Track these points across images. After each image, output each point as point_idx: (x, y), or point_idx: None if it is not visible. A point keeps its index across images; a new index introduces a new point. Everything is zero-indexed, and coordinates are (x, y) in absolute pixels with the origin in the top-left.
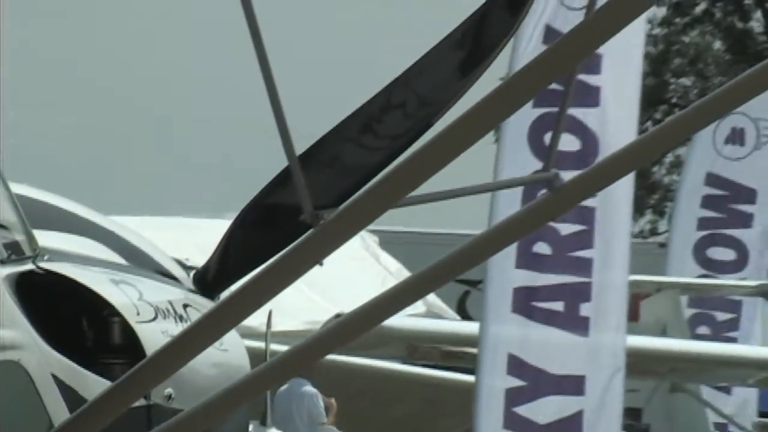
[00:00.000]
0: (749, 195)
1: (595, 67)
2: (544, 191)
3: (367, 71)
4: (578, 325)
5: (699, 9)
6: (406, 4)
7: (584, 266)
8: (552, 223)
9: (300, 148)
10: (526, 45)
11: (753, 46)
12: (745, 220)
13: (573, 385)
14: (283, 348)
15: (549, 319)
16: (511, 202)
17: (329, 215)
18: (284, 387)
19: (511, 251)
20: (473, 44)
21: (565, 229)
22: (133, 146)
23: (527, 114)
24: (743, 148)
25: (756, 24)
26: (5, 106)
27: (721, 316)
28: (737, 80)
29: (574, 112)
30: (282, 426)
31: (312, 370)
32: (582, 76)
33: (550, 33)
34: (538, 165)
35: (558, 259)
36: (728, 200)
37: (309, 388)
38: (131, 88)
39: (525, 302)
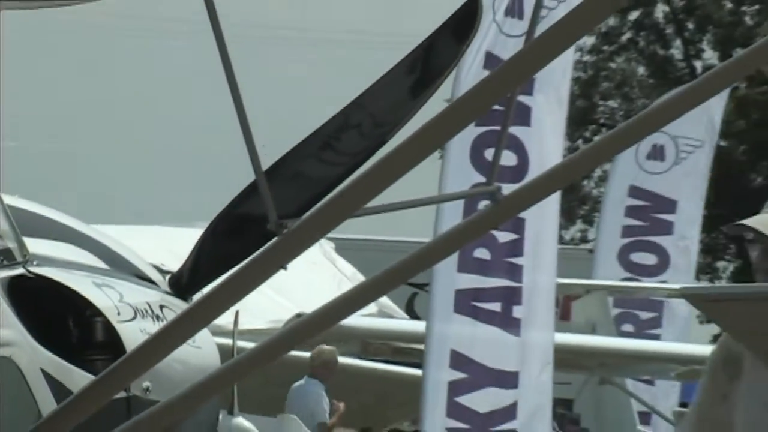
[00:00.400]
0: (670, 205)
1: (528, 89)
2: (487, 203)
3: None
4: (512, 324)
5: (625, 38)
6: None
7: (516, 271)
8: (498, 230)
9: (266, 163)
10: (468, 69)
11: (673, 71)
12: (666, 228)
13: (508, 379)
14: (249, 345)
15: (488, 318)
16: (454, 213)
17: (292, 224)
18: (298, 384)
19: (453, 256)
20: (423, 69)
21: (502, 237)
22: (119, 162)
23: (470, 132)
24: (663, 163)
25: (676, 51)
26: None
27: (644, 315)
28: (659, 103)
29: (511, 130)
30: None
31: (331, 373)
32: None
33: (490, 59)
34: (479, 178)
35: (496, 264)
36: (650, 210)
37: (317, 389)
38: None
39: (466, 303)
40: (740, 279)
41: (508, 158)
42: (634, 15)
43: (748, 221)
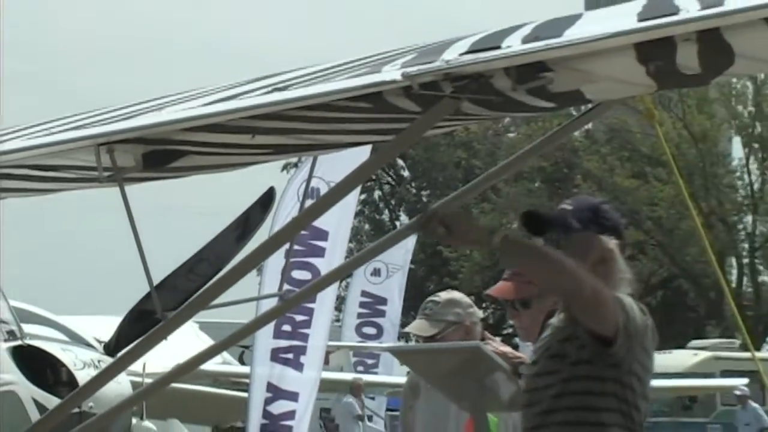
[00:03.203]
0: (384, 301)
1: (323, 237)
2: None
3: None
4: (299, 366)
5: (356, 209)
6: None
7: (305, 337)
8: (292, 314)
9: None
10: (280, 226)
11: (384, 228)
12: (383, 314)
13: (293, 396)
14: (149, 380)
15: (286, 363)
16: (268, 305)
17: (171, 315)
18: (345, 397)
19: (270, 328)
20: (243, 226)
21: (299, 317)
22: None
23: (281, 261)
24: (380, 277)
25: (386, 217)
26: None
27: (369, 361)
28: (373, 245)
29: (311, 260)
30: (337, 420)
31: (360, 391)
32: (315, 241)
33: None
34: (285, 286)
35: (294, 333)
36: (374, 304)
37: (351, 400)
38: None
39: (276, 355)
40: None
41: (305, 275)
42: (362, 197)
43: (408, 328)
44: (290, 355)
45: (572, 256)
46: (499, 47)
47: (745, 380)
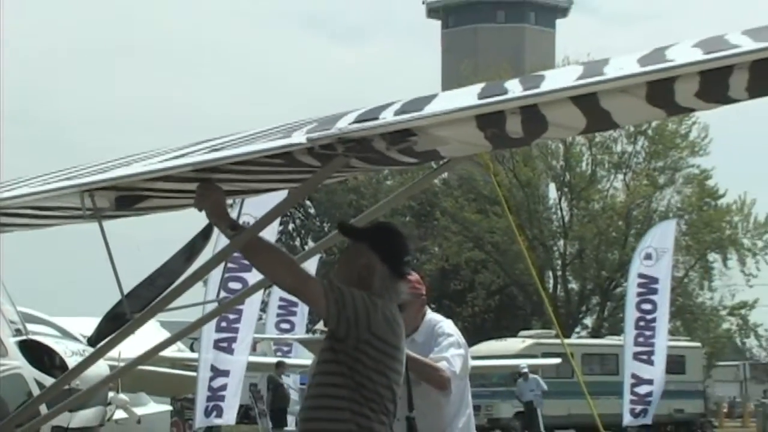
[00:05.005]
0: (296, 304)
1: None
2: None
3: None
4: (231, 352)
5: (275, 239)
6: None
7: (236, 330)
8: (227, 314)
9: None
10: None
11: (296, 252)
12: (295, 313)
13: (226, 373)
14: (123, 364)
15: (223, 350)
16: (211, 307)
17: (137, 315)
18: None
19: (213, 324)
20: (191, 249)
21: (231, 316)
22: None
23: (220, 275)
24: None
25: (297, 243)
26: None
27: (285, 348)
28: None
29: (242, 274)
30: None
31: None
32: (245, 260)
33: None
34: (222, 294)
35: (229, 328)
36: (289, 306)
37: None
38: None
39: (218, 344)
40: None
41: (238, 285)
42: (280, 227)
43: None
44: (226, 344)
45: (347, 256)
46: (377, 118)
47: (558, 360)
